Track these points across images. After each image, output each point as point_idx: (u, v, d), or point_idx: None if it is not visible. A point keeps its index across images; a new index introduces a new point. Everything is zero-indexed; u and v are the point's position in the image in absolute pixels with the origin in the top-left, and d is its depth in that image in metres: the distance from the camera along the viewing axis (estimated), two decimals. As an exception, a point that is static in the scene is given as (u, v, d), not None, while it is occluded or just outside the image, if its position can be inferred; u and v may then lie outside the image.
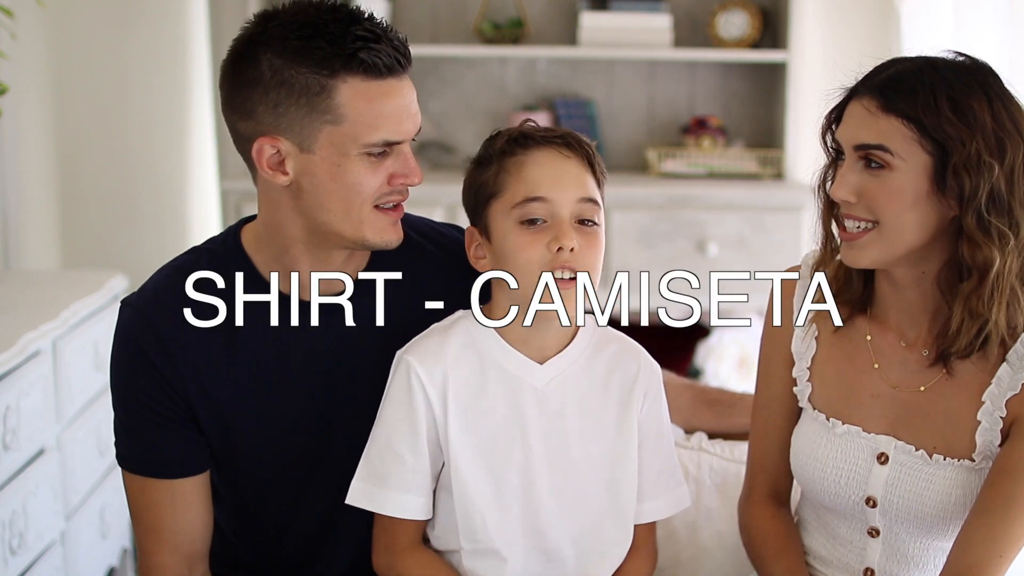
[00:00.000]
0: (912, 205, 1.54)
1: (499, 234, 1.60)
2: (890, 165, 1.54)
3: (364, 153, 1.59)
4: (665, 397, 1.73)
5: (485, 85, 4.10)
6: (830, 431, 1.70)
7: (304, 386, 1.71)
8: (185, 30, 3.99)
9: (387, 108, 1.59)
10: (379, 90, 1.59)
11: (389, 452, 1.63)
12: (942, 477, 1.62)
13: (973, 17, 3.50)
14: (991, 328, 1.56)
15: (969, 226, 1.53)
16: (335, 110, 1.57)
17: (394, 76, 1.60)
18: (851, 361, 1.70)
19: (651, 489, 1.71)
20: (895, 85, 1.55)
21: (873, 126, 1.55)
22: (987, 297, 1.54)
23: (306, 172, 1.60)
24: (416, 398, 1.61)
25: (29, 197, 3.30)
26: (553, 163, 1.60)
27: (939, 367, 1.63)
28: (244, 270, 1.70)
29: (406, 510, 1.64)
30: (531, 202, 1.57)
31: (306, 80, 1.56)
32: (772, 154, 3.93)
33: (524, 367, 1.64)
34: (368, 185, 1.61)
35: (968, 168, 1.51)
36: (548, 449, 1.64)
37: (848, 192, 1.58)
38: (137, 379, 1.69)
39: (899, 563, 1.68)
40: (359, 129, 1.58)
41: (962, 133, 1.51)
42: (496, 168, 1.60)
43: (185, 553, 1.74)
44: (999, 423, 1.59)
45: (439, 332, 1.66)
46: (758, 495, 1.79)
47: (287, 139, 1.59)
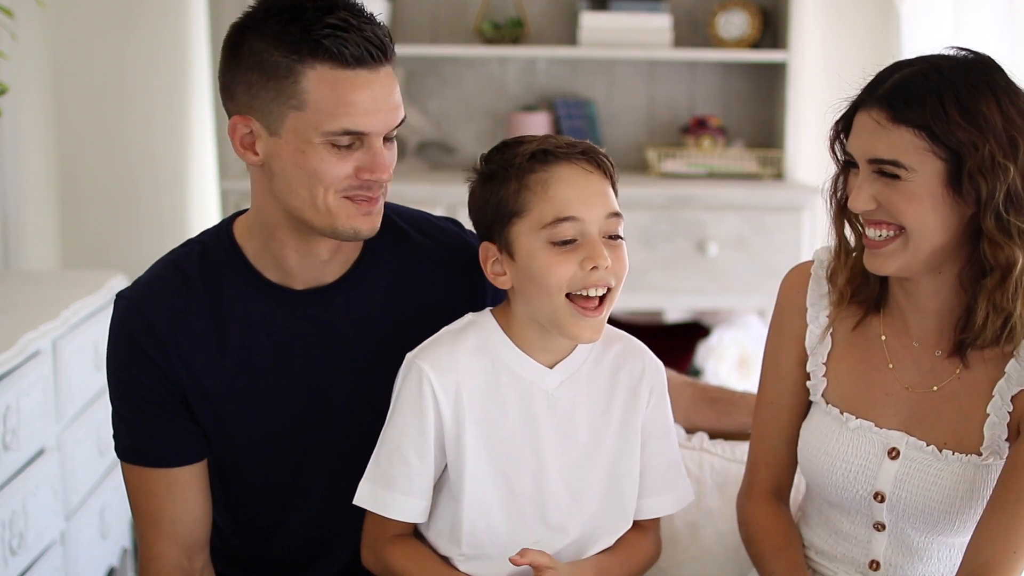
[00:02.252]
0: (931, 209, 1.55)
1: (526, 254, 1.58)
2: (904, 176, 1.55)
3: (327, 142, 1.59)
4: (669, 398, 1.74)
5: (485, 85, 4.10)
6: (843, 425, 1.70)
7: (294, 376, 1.72)
8: (185, 30, 3.99)
9: (351, 98, 1.58)
10: (345, 79, 1.57)
11: (398, 455, 1.63)
12: (950, 472, 1.63)
13: (973, 17, 3.50)
14: (1015, 320, 1.57)
15: (989, 227, 1.53)
16: (300, 95, 1.58)
17: (364, 67, 1.58)
18: (866, 359, 1.71)
19: (657, 485, 1.72)
20: (902, 94, 1.54)
21: (884, 139, 1.55)
22: (1011, 293, 1.55)
23: (274, 155, 1.61)
24: (427, 404, 1.62)
25: (29, 197, 3.30)
26: (579, 180, 1.59)
27: (951, 367, 1.64)
28: (235, 260, 1.71)
29: (409, 514, 1.65)
30: (562, 223, 1.56)
31: (277, 63, 1.58)
32: (772, 154, 3.93)
33: (535, 371, 1.64)
34: (330, 174, 1.60)
35: (983, 172, 1.51)
36: (559, 451, 1.65)
37: (867, 202, 1.58)
38: (132, 369, 1.70)
39: (904, 556, 1.69)
40: (320, 116, 1.58)
41: (974, 137, 1.51)
42: (516, 185, 1.58)
43: (185, 543, 1.74)
44: (1006, 417, 1.60)
45: (450, 337, 1.66)
46: (759, 491, 1.79)
47: (257, 120, 1.61)
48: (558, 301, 1.57)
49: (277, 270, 1.71)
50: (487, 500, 1.63)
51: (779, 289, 1.78)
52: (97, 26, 3.70)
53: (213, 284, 1.71)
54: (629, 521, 1.71)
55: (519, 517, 1.64)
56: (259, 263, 1.72)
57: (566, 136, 1.64)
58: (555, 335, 1.62)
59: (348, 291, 1.72)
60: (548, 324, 1.60)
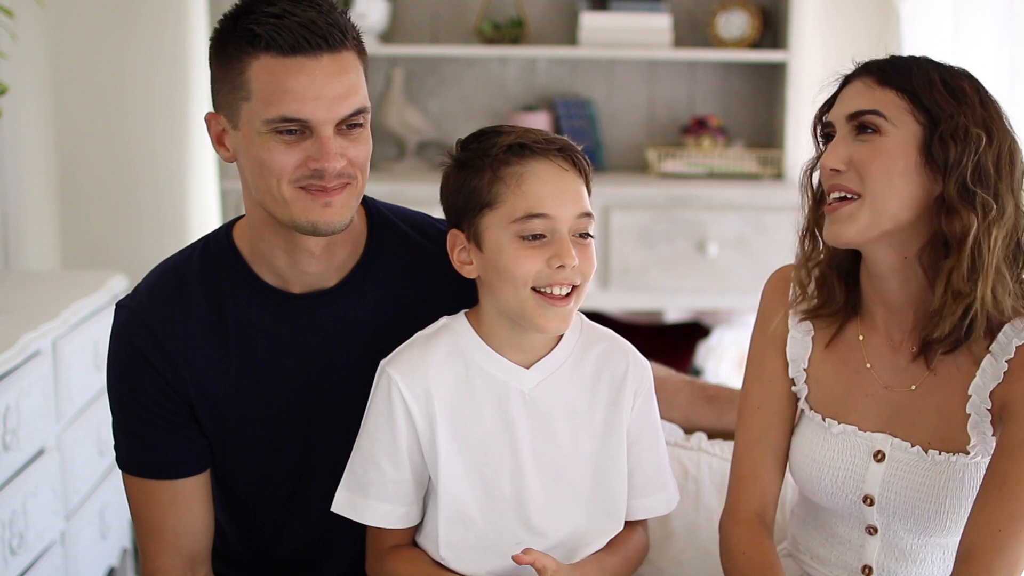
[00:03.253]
0: (901, 173, 1.57)
1: (494, 245, 1.58)
2: (882, 130, 1.58)
3: (271, 130, 1.58)
4: (655, 395, 1.73)
5: (485, 85, 4.10)
6: (826, 431, 1.70)
7: (296, 380, 1.72)
8: (185, 30, 3.99)
9: (287, 85, 1.56)
10: (282, 67, 1.57)
11: (371, 463, 1.63)
12: (938, 473, 1.62)
13: (973, 18, 3.51)
14: (976, 308, 1.56)
15: (950, 196, 1.55)
16: (245, 86, 1.59)
17: (301, 55, 1.56)
18: (845, 362, 1.71)
19: (647, 486, 1.72)
20: (891, 64, 1.61)
21: (869, 96, 1.60)
22: (967, 271, 1.55)
23: (237, 149, 1.64)
24: (396, 412, 1.61)
25: (29, 197, 3.30)
26: (553, 177, 1.58)
27: (924, 364, 1.64)
28: (235, 264, 1.71)
29: (386, 520, 1.65)
30: (533, 218, 1.56)
31: (229, 57, 1.60)
32: (772, 154, 3.93)
33: (510, 372, 1.63)
34: (276, 164, 1.59)
35: (955, 137, 1.55)
36: (538, 452, 1.64)
37: (838, 160, 1.60)
38: (135, 381, 1.69)
39: (897, 560, 1.69)
40: (260, 104, 1.58)
41: (951, 107, 1.56)
42: (491, 176, 1.58)
43: (187, 554, 1.74)
44: (987, 415, 1.60)
45: (422, 342, 1.66)
46: (743, 512, 1.74)
47: (223, 115, 1.63)
48: (524, 294, 1.57)
49: (272, 273, 1.71)
50: (465, 503, 1.63)
51: (762, 292, 1.79)
52: (97, 26, 3.70)
53: (213, 289, 1.71)
54: (620, 524, 1.69)
55: (498, 519, 1.64)
56: (256, 266, 1.71)
57: (545, 131, 1.63)
58: (524, 330, 1.62)
59: (348, 295, 1.72)
60: (515, 316, 1.60)
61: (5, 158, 3.13)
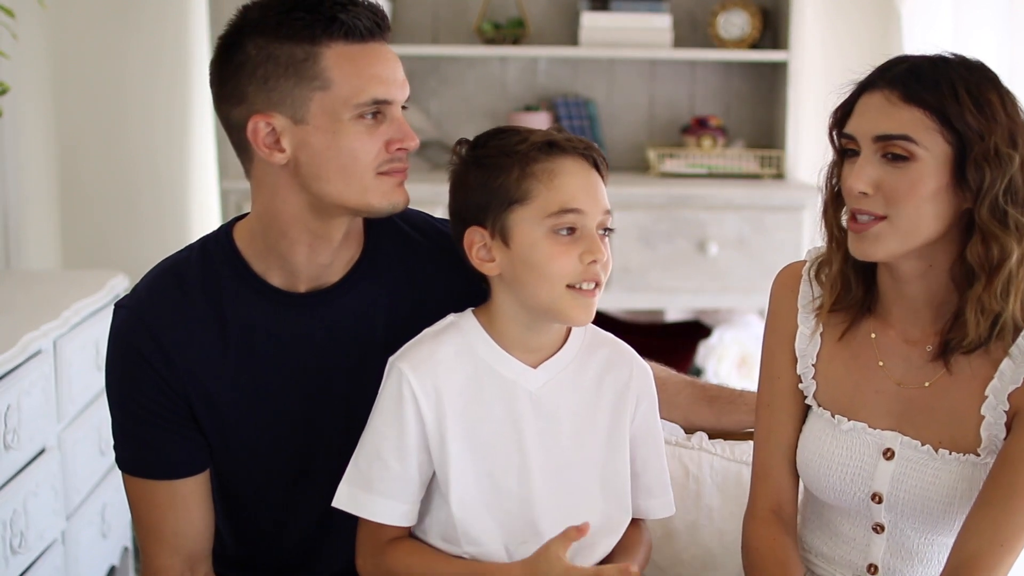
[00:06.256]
0: (931, 197, 1.55)
1: (525, 241, 1.59)
2: (914, 155, 1.54)
3: (356, 116, 1.60)
4: (657, 400, 1.74)
5: (485, 85, 4.11)
6: (835, 428, 1.70)
7: (296, 379, 1.72)
8: (185, 30, 3.99)
9: (373, 69, 1.60)
10: (362, 52, 1.60)
11: (376, 459, 1.63)
12: (947, 472, 1.62)
13: (973, 18, 3.51)
14: (1005, 320, 1.56)
15: (983, 218, 1.53)
16: (322, 75, 1.59)
17: (375, 40, 1.62)
18: (856, 358, 1.70)
19: (653, 488, 1.73)
20: (915, 77, 1.55)
21: (895, 116, 1.55)
22: (1000, 292, 1.55)
23: (302, 145, 1.61)
24: (406, 407, 1.61)
25: (29, 197, 3.30)
26: (583, 174, 1.61)
27: (941, 363, 1.63)
28: (236, 265, 1.71)
29: (391, 516, 1.64)
30: (567, 213, 1.58)
31: (291, 51, 1.59)
32: (772, 154, 3.94)
33: (518, 371, 1.64)
34: (365, 151, 1.61)
35: (988, 160, 1.52)
36: (543, 452, 1.64)
37: (866, 184, 1.57)
38: (135, 381, 1.69)
39: (903, 559, 1.69)
40: (347, 91, 1.59)
41: (982, 125, 1.52)
42: (519, 173, 1.59)
43: (187, 554, 1.74)
44: (1003, 417, 1.59)
45: (431, 338, 1.66)
46: (761, 509, 1.75)
47: (280, 113, 1.61)
48: (558, 290, 1.58)
49: (281, 272, 1.71)
50: (474, 500, 1.63)
51: (771, 289, 1.78)
52: (97, 26, 3.70)
53: (213, 289, 1.70)
54: (629, 515, 1.70)
55: (506, 517, 1.64)
56: (261, 267, 1.71)
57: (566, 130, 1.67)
58: (539, 330, 1.63)
59: (349, 293, 1.72)
60: (543, 311, 1.60)
61: (6, 158, 3.13)
